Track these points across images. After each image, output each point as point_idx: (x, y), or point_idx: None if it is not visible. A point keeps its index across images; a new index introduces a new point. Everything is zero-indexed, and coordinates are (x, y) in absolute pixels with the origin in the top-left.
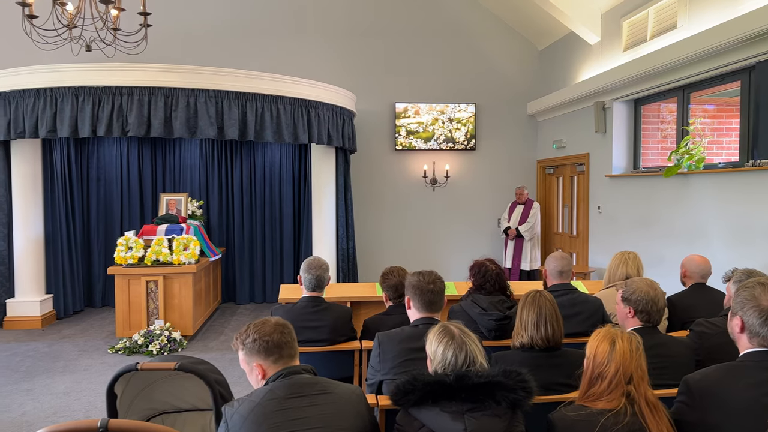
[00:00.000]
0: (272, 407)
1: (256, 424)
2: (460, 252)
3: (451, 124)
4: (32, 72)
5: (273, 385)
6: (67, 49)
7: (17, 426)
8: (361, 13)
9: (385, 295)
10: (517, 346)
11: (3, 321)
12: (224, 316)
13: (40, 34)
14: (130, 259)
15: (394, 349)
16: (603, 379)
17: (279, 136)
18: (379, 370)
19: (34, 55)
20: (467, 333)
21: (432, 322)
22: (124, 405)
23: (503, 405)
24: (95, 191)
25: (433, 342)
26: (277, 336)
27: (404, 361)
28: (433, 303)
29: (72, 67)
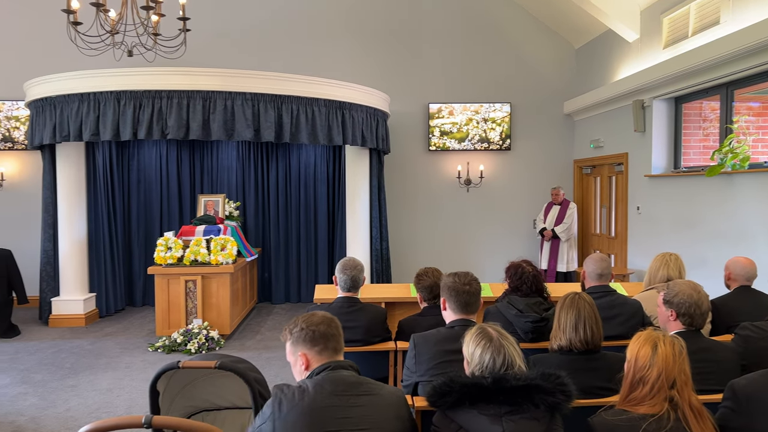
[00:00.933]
0: (319, 401)
1: (303, 416)
2: (495, 253)
3: (485, 124)
4: (76, 77)
5: (320, 379)
6: (108, 55)
7: (63, 421)
8: (394, 14)
9: (420, 296)
10: (555, 349)
11: (49, 319)
12: (260, 315)
13: (84, 40)
14: (170, 259)
15: (430, 350)
16: (645, 383)
17: (314, 138)
18: (414, 371)
19: (78, 60)
20: (505, 335)
21: (468, 324)
22: (166, 402)
23: (542, 408)
24: (136, 193)
25: (470, 344)
26: (324, 327)
27: (440, 363)
28: (469, 304)
29: (114, 72)
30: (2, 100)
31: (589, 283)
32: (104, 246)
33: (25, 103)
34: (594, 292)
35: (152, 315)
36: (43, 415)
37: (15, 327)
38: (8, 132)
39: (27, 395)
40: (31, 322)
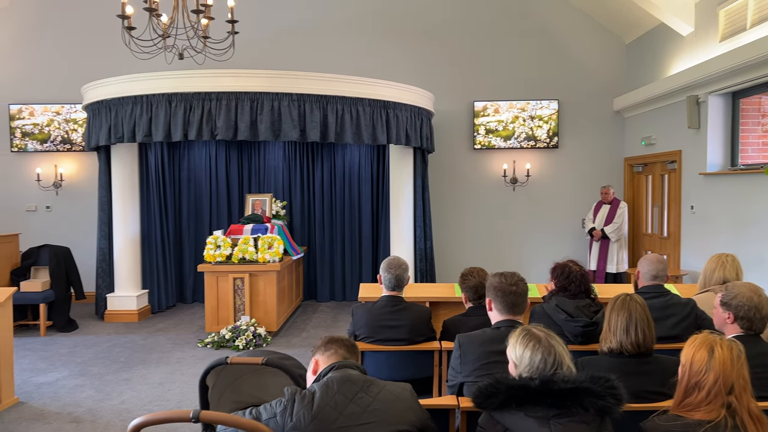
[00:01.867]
0: (326, 399)
1: (312, 417)
2: (542, 253)
3: (532, 122)
4: (130, 80)
5: (326, 379)
6: (160, 58)
7: (117, 413)
8: (439, 13)
9: (465, 296)
10: (605, 351)
11: (104, 314)
12: (306, 313)
13: (138, 44)
14: (219, 257)
15: (475, 351)
16: (701, 388)
17: (358, 138)
18: (460, 371)
19: (131, 64)
20: (552, 335)
21: (514, 325)
22: (214, 397)
23: (591, 412)
24: (186, 192)
25: (517, 347)
26: (338, 338)
27: (486, 364)
28: (516, 305)
29: (165, 75)
30: (61, 103)
31: (643, 283)
32: (156, 244)
33: (82, 106)
34: (647, 291)
35: (202, 311)
36: (99, 407)
37: (73, 321)
38: (67, 134)
39: (84, 387)
40: (88, 317)
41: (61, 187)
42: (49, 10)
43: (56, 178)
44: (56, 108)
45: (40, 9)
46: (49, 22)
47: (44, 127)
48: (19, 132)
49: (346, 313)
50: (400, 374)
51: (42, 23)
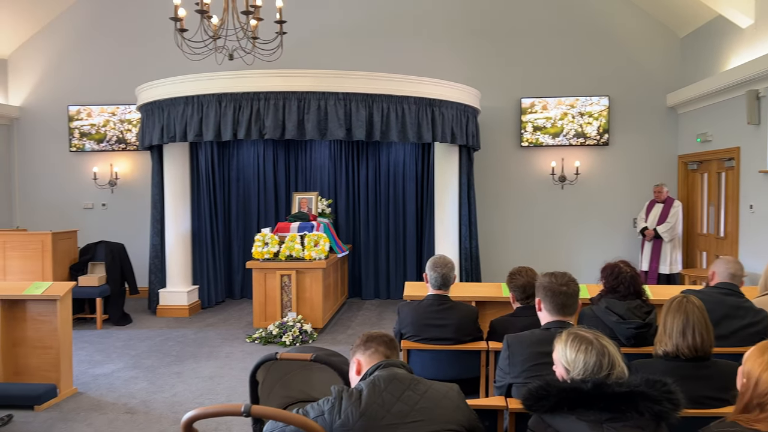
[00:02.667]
0: (374, 397)
1: (360, 415)
2: (591, 253)
3: (581, 119)
4: (182, 81)
5: (374, 377)
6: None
7: (169, 405)
8: (485, 9)
9: (512, 295)
10: (660, 355)
11: (156, 309)
12: (351, 310)
13: (190, 46)
14: (266, 254)
15: (524, 352)
16: (763, 409)
17: (404, 136)
18: (508, 372)
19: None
20: (600, 335)
21: (564, 326)
22: (264, 392)
23: (646, 416)
24: (235, 190)
25: (567, 350)
26: (377, 335)
27: (535, 365)
28: (567, 306)
29: (215, 76)
30: (117, 104)
31: (717, 281)
32: (206, 241)
33: (136, 107)
34: (723, 288)
35: (250, 307)
36: (152, 399)
37: (127, 315)
38: (122, 134)
39: (138, 379)
40: (141, 311)
41: (116, 186)
42: (106, 14)
43: (111, 177)
44: (112, 109)
45: (97, 13)
46: (106, 26)
47: (101, 127)
48: (78, 132)
49: (391, 311)
50: (446, 373)
51: (99, 27)
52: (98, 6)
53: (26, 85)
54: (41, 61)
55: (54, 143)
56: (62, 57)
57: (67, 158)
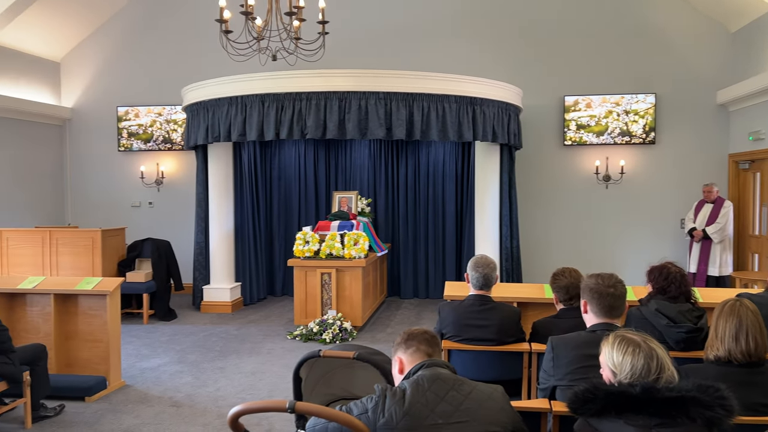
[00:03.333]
0: (418, 396)
1: (404, 414)
2: (637, 254)
3: (627, 117)
4: (226, 82)
5: (417, 376)
6: (254, 60)
7: (213, 399)
8: (526, 6)
9: (556, 297)
10: (711, 360)
11: (200, 305)
12: (389, 309)
13: (234, 47)
14: (307, 252)
15: (569, 354)
16: None
17: (444, 135)
18: (552, 375)
19: (228, 66)
20: (648, 338)
21: (611, 328)
22: (307, 389)
23: (698, 423)
24: (277, 189)
25: (615, 354)
26: (418, 333)
27: (580, 368)
28: (614, 308)
29: (259, 76)
30: (163, 105)
31: None
32: (249, 239)
33: (182, 107)
34: None
35: (291, 305)
36: (196, 393)
37: (172, 311)
38: (168, 134)
39: (183, 374)
40: (186, 307)
41: (162, 184)
42: (153, 18)
43: (158, 176)
44: (158, 109)
45: (145, 17)
46: (153, 29)
47: (147, 127)
48: (126, 132)
49: (430, 311)
50: (486, 374)
51: (146, 30)
52: (146, 10)
53: (78, 87)
54: (92, 64)
55: (103, 143)
56: (111, 59)
57: (116, 158)
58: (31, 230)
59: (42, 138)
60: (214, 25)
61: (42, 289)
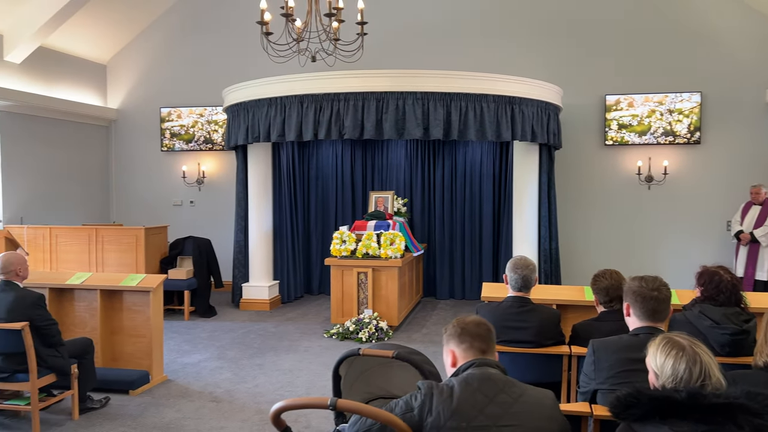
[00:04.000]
0: (466, 396)
1: (450, 411)
2: (680, 257)
3: (671, 116)
4: (266, 84)
5: (466, 375)
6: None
7: (251, 396)
8: (567, 3)
9: (596, 299)
10: (760, 366)
11: (239, 302)
12: (425, 310)
13: (274, 48)
14: (344, 251)
15: (611, 358)
16: None
17: (482, 135)
18: (593, 378)
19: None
20: (697, 343)
21: (654, 332)
22: (346, 386)
23: (746, 430)
24: (314, 189)
25: (658, 355)
26: (473, 326)
27: (622, 372)
28: (657, 312)
29: (298, 78)
30: (204, 106)
31: None
32: (287, 237)
33: (223, 108)
34: None
35: (327, 303)
36: (235, 389)
37: (212, 308)
38: (209, 134)
39: (222, 369)
40: (225, 304)
41: (203, 184)
42: (195, 21)
43: (199, 176)
44: (200, 110)
45: (187, 20)
46: (195, 32)
47: (189, 128)
48: (168, 133)
49: (466, 311)
50: (525, 377)
51: (188, 33)
52: (188, 13)
53: (123, 88)
54: (136, 66)
55: (147, 143)
56: (155, 61)
57: (159, 157)
58: (79, 228)
59: (89, 138)
60: (255, 27)
61: (89, 285)
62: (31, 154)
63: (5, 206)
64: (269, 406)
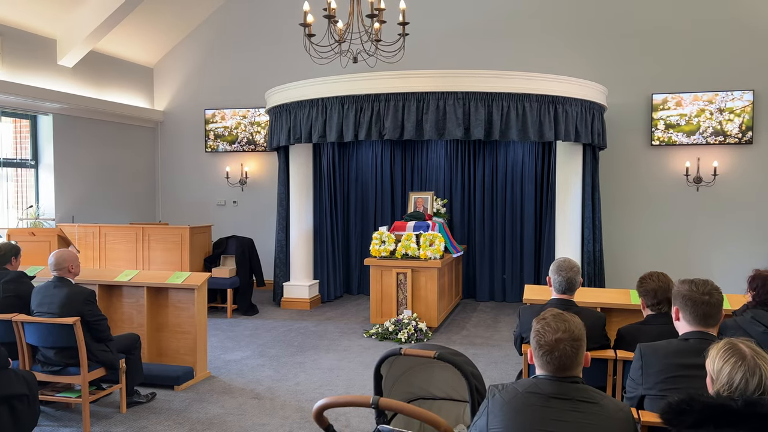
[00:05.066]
0: (534, 401)
1: (514, 412)
2: (730, 261)
3: (721, 115)
4: (308, 85)
5: (540, 380)
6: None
7: (292, 393)
8: (609, 2)
9: (642, 301)
10: None
11: (281, 301)
12: (465, 312)
13: (317, 50)
14: (383, 252)
15: (660, 362)
16: None
17: (524, 135)
18: (640, 383)
19: (309, 69)
20: (761, 354)
21: (705, 337)
22: (387, 386)
23: None
24: (353, 189)
25: (716, 360)
26: (551, 335)
27: (671, 377)
28: (709, 317)
29: (339, 79)
30: (247, 107)
31: None
32: (327, 237)
33: (265, 110)
34: None
35: (366, 303)
36: (276, 386)
37: (254, 306)
38: (251, 136)
39: (264, 367)
40: (267, 302)
41: (246, 184)
42: (238, 25)
43: (242, 176)
44: (243, 112)
45: (231, 24)
46: (238, 35)
47: (233, 129)
48: (213, 134)
49: (506, 315)
50: None
51: (232, 36)
52: (231, 18)
53: (169, 90)
54: (182, 69)
55: (191, 144)
56: (200, 65)
57: (203, 158)
58: (126, 226)
59: (136, 140)
60: (297, 29)
61: (137, 282)
62: (81, 155)
63: (58, 205)
64: (310, 404)
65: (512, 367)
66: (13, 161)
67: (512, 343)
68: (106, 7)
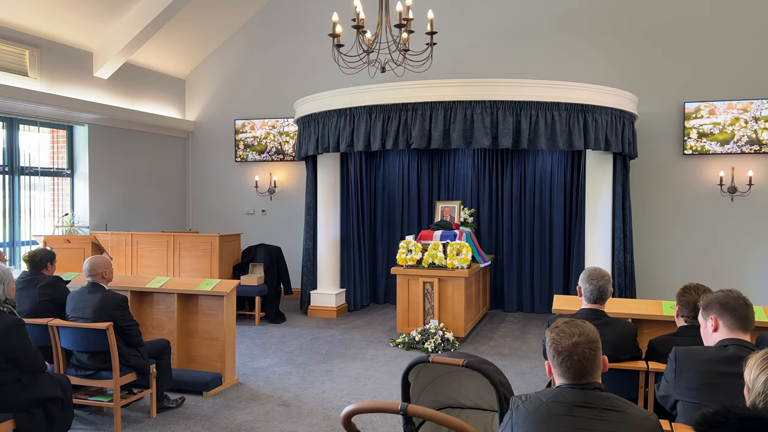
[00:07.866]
0: (558, 410)
1: (539, 422)
2: (766, 273)
3: (756, 124)
4: (335, 95)
5: (563, 389)
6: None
7: (319, 401)
8: (642, 7)
9: (678, 309)
10: None
11: (308, 309)
12: (492, 322)
13: (345, 60)
14: (410, 261)
15: (695, 368)
16: None
17: (553, 144)
18: (674, 386)
19: (337, 79)
20: None
21: (744, 344)
22: (414, 393)
23: None
24: (380, 198)
25: (754, 368)
26: (567, 341)
27: (706, 385)
28: (749, 319)
29: (366, 89)
30: (276, 117)
31: None
32: (354, 246)
33: (294, 120)
34: None
35: (393, 312)
36: (303, 394)
37: (282, 314)
38: (280, 145)
39: (291, 374)
40: (294, 310)
41: (274, 193)
42: (267, 36)
43: (270, 185)
44: (272, 122)
45: (260, 36)
46: (267, 47)
47: (262, 139)
48: (242, 144)
49: (534, 326)
50: None
51: (261, 48)
52: (260, 31)
53: (200, 101)
54: (213, 80)
55: (222, 154)
56: (230, 76)
57: (233, 168)
58: (158, 234)
59: (168, 149)
60: (326, 40)
61: (167, 289)
62: (115, 165)
63: (92, 213)
64: (336, 412)
65: (540, 378)
66: (50, 170)
67: (540, 353)
68: (140, 20)
